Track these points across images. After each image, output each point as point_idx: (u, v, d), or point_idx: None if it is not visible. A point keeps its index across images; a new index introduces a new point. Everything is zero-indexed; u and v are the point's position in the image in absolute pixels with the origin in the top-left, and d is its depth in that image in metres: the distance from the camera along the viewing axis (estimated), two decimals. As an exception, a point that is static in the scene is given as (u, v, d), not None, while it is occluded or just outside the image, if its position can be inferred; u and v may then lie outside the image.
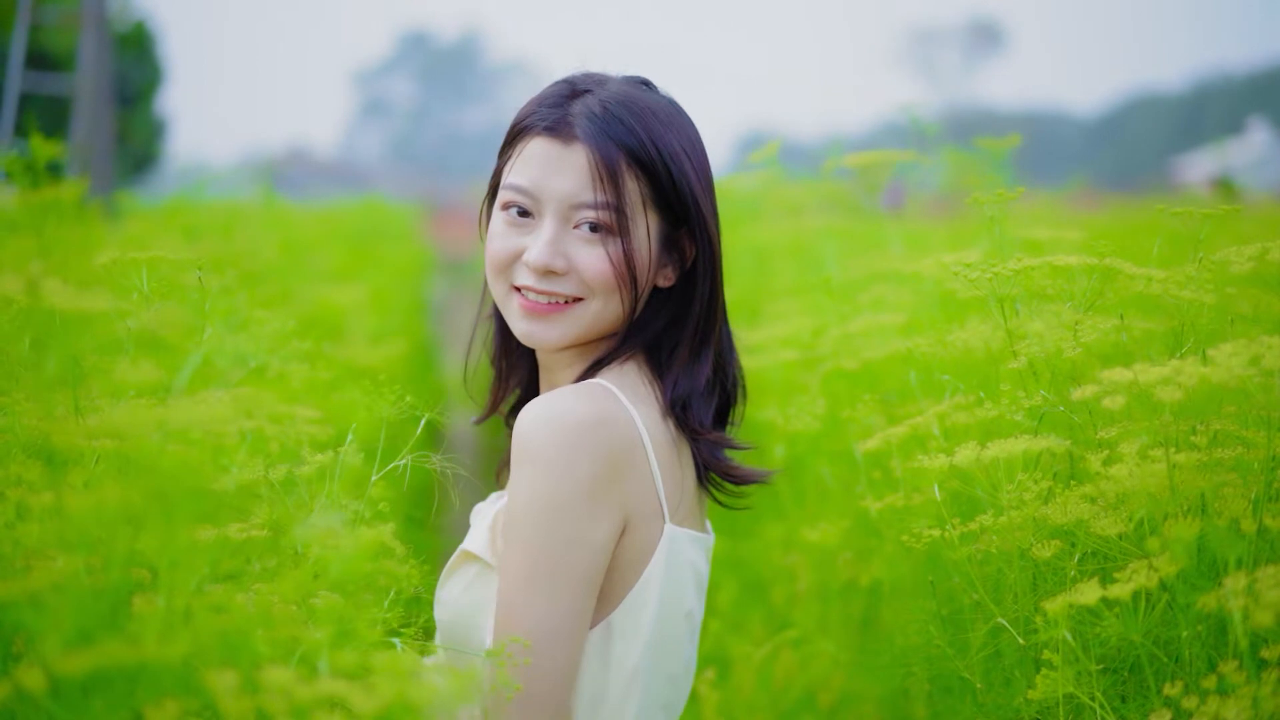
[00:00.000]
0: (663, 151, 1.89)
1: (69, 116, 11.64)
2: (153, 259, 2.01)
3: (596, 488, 1.78)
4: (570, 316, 1.90)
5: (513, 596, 1.76)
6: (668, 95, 1.99)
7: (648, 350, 1.96)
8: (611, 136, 1.87)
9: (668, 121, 1.92)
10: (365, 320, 4.64)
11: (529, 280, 1.90)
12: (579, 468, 1.76)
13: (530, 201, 1.90)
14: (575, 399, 1.81)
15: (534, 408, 1.79)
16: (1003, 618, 1.88)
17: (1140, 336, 2.10)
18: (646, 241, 1.89)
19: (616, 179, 1.86)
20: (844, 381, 2.67)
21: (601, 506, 1.79)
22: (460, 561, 1.92)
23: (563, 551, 1.76)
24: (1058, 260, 2.03)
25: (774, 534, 3.08)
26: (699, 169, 1.93)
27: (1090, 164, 47.25)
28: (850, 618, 2.77)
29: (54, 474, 1.48)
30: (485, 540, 1.88)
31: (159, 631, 1.27)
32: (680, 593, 1.90)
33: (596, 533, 1.79)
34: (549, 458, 1.76)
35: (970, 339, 2.17)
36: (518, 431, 1.78)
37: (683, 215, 1.91)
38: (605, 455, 1.79)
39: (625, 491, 1.82)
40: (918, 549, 2.00)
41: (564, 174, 1.88)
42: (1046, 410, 1.94)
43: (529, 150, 1.91)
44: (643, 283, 1.90)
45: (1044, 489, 1.84)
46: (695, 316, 1.95)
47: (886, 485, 2.31)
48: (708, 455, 1.95)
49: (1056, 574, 1.87)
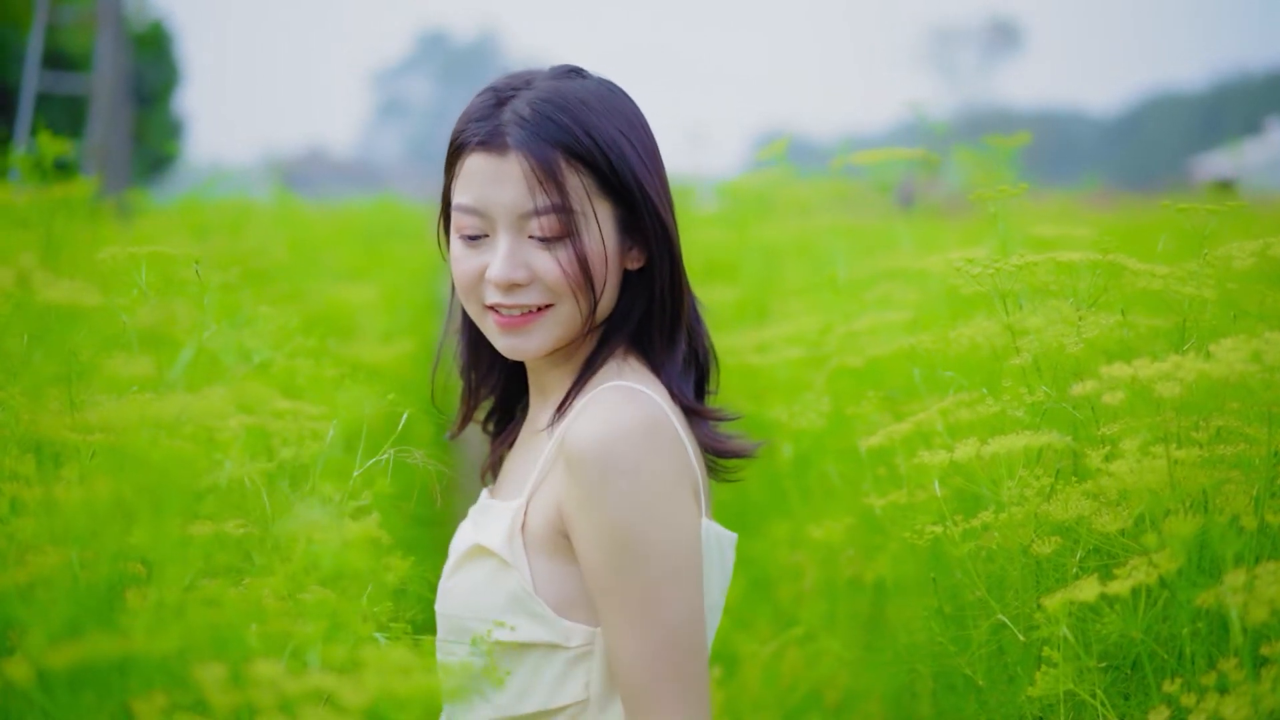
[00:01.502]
0: (598, 140, 1.86)
1: (86, 116, 11.69)
2: (153, 254, 2.01)
3: (680, 479, 1.81)
4: (545, 324, 1.89)
5: (656, 598, 1.78)
6: (600, 79, 1.96)
7: (634, 339, 1.95)
8: (544, 137, 1.85)
9: (600, 108, 1.89)
10: (376, 319, 4.64)
11: (497, 297, 1.88)
12: (660, 465, 1.79)
13: (480, 220, 1.88)
14: (621, 408, 1.82)
15: (589, 431, 1.79)
16: (1004, 614, 1.87)
17: (1144, 333, 2.08)
18: (600, 236, 1.87)
19: (557, 178, 1.84)
20: (849, 379, 2.66)
21: (688, 493, 1.83)
22: (473, 555, 1.91)
23: (683, 542, 1.80)
24: (1061, 256, 2.02)
25: (780, 531, 3.07)
26: (641, 148, 1.91)
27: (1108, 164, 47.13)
28: (856, 615, 2.76)
29: (46, 468, 1.48)
30: (503, 537, 1.87)
31: (149, 625, 1.27)
32: (711, 588, 1.91)
33: (694, 517, 1.83)
34: (629, 468, 1.76)
35: (974, 335, 2.16)
36: (582, 456, 1.78)
37: (629, 199, 1.90)
38: (671, 449, 1.81)
39: (690, 481, 1.84)
40: (921, 546, 1.99)
41: (504, 186, 1.85)
42: (1048, 406, 1.93)
43: (468, 168, 1.89)
44: (600, 280, 1.88)
45: (1045, 485, 1.83)
46: (659, 298, 1.93)
47: (891, 482, 2.30)
48: (700, 433, 1.95)
49: (1058, 570, 1.86)
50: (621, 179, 1.88)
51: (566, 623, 1.84)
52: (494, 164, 1.86)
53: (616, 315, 1.95)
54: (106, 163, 10.75)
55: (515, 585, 1.84)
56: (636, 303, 1.95)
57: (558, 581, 1.85)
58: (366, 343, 4.00)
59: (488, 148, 1.86)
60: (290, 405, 2.01)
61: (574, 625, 1.84)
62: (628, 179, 1.88)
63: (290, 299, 3.85)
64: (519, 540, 1.87)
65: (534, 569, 1.85)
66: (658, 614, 1.78)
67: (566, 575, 1.85)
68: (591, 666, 1.85)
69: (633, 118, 1.93)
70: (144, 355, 1.93)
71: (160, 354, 1.97)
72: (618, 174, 1.87)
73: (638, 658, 1.79)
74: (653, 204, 1.90)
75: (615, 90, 1.95)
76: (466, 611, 1.89)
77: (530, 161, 1.84)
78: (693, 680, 1.80)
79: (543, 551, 1.85)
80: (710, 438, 1.97)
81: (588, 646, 1.85)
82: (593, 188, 1.87)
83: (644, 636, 1.79)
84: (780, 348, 3.08)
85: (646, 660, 1.79)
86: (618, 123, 1.90)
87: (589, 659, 1.85)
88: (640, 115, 1.96)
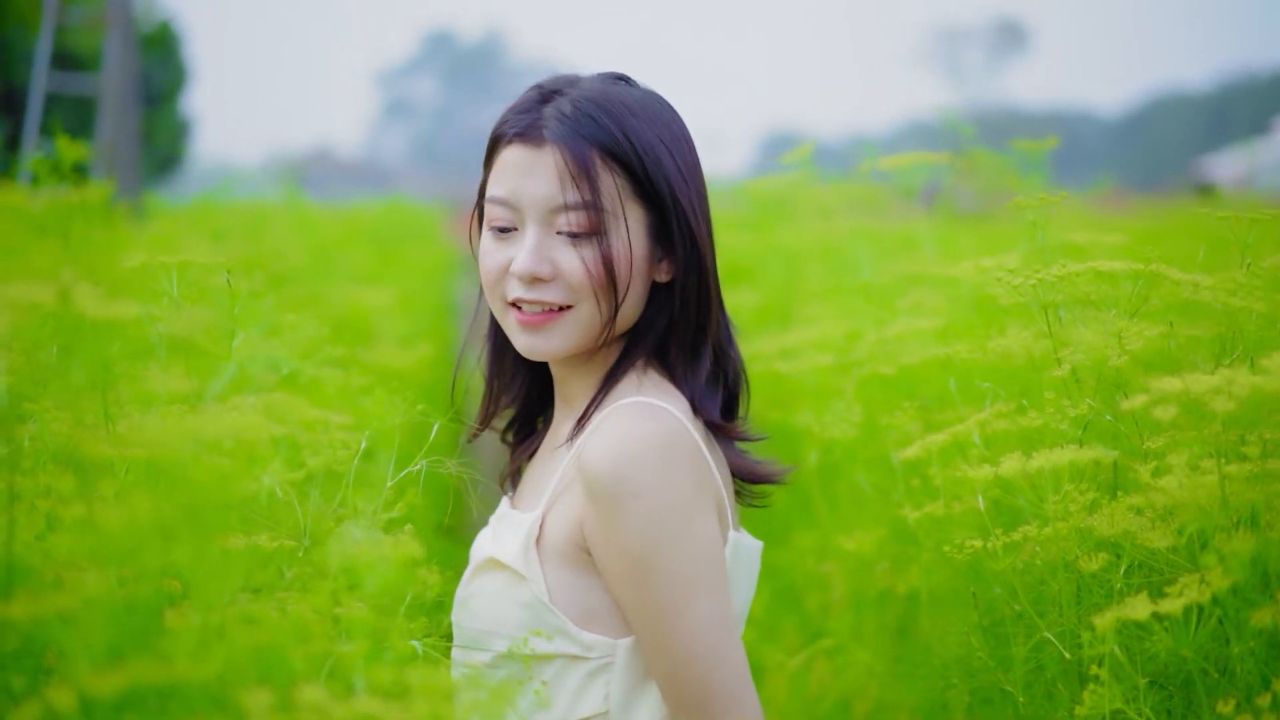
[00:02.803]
0: (636, 143, 1.85)
1: (94, 117, 11.68)
2: (183, 263, 1.98)
3: (699, 493, 1.80)
4: (564, 325, 1.87)
5: (680, 611, 1.77)
6: (648, 89, 1.95)
7: (657, 351, 1.93)
8: (582, 134, 1.84)
9: (642, 114, 1.88)
10: (394, 323, 4.61)
11: (520, 291, 1.87)
12: (677, 482, 1.77)
13: (511, 213, 1.87)
14: (636, 425, 1.80)
15: (604, 448, 1.77)
16: (1048, 631, 1.84)
17: (1184, 343, 2.06)
18: (627, 239, 1.85)
19: (590, 176, 1.83)
20: (879, 387, 2.63)
21: (709, 507, 1.81)
22: (487, 567, 1.89)
23: (703, 554, 1.78)
24: (1102, 266, 1.99)
25: (806, 541, 3.04)
26: (680, 159, 1.89)
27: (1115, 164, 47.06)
28: (885, 626, 2.74)
29: (84, 484, 1.46)
30: (518, 550, 1.86)
31: (192, 648, 1.24)
32: (735, 600, 1.90)
33: (715, 531, 1.81)
34: (643, 489, 1.75)
35: (1011, 345, 2.13)
36: (597, 475, 1.76)
37: (662, 206, 1.87)
38: (689, 463, 1.80)
39: (712, 494, 1.83)
40: (957, 559, 1.96)
41: (538, 178, 1.85)
42: (1092, 419, 1.90)
43: (504, 160, 1.89)
44: (623, 283, 1.86)
45: (1090, 500, 1.80)
46: (683, 310, 1.90)
47: (925, 493, 2.27)
48: (727, 453, 1.93)
49: (1102, 586, 1.84)
50: (655, 184, 1.86)
51: (587, 635, 1.83)
52: (529, 156, 1.86)
53: (641, 327, 1.93)
54: (115, 163, 10.73)
55: (530, 598, 1.83)
56: (661, 316, 1.92)
57: (577, 593, 1.84)
58: (386, 348, 3.98)
59: (525, 139, 1.86)
60: (318, 415, 1.98)
61: (595, 637, 1.83)
62: (661, 185, 1.86)
63: (309, 304, 3.82)
64: (534, 553, 1.85)
65: (550, 581, 1.84)
66: (685, 630, 1.77)
67: (587, 587, 1.83)
68: (612, 678, 1.84)
69: (676, 130, 1.92)
70: (174, 366, 1.91)
71: (189, 364, 1.95)
72: (651, 179, 1.86)
73: (673, 674, 1.79)
74: (684, 214, 1.88)
75: (661, 102, 1.95)
76: (483, 624, 1.88)
77: (565, 155, 1.83)
78: (734, 691, 1.79)
79: (561, 564, 1.84)
80: (738, 461, 1.95)
81: (608, 658, 1.84)
82: (626, 190, 1.85)
83: (674, 653, 1.79)
84: (807, 354, 3.05)
85: (682, 675, 1.78)
86: (658, 130, 1.88)
87: (609, 670, 1.84)
88: (684, 130, 1.94)
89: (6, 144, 14.20)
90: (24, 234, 3.82)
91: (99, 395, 1.51)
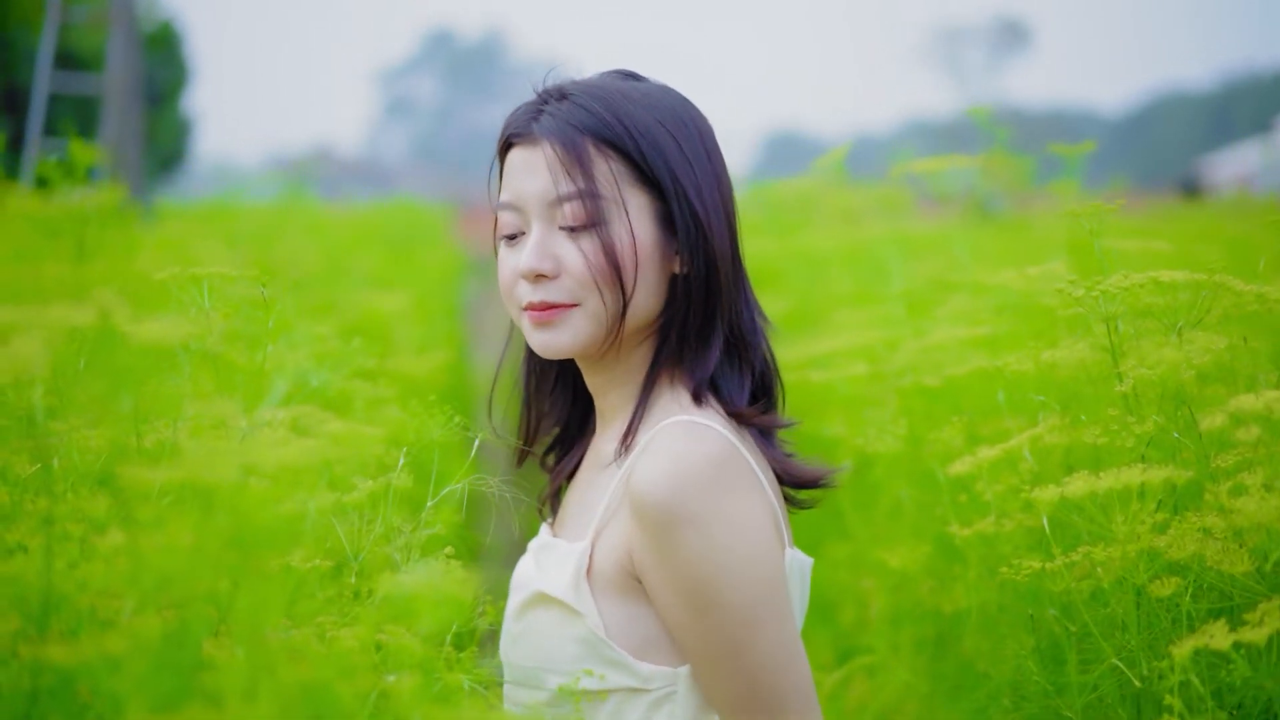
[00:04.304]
0: (629, 125, 1.78)
1: (97, 116, 11.61)
2: (213, 274, 1.91)
3: (755, 514, 1.72)
4: (573, 319, 1.79)
5: (743, 643, 1.70)
6: (658, 83, 1.88)
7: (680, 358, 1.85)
8: (573, 123, 1.78)
9: (642, 101, 1.81)
10: (410, 329, 4.55)
11: (528, 293, 1.80)
12: (732, 507, 1.70)
13: (517, 216, 1.82)
14: (687, 445, 1.72)
15: (653, 473, 1.69)
16: (1116, 656, 1.77)
17: (1243, 355, 1.99)
18: (629, 227, 1.77)
19: (583, 163, 1.76)
20: (921, 398, 2.56)
21: (767, 527, 1.74)
22: (536, 602, 1.81)
23: (764, 579, 1.71)
24: (1163, 276, 1.92)
25: (839, 554, 2.97)
26: (686, 145, 1.81)
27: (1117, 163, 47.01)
28: (923, 643, 2.67)
29: (118, 509, 1.39)
30: (568, 583, 1.78)
31: (241, 686, 1.18)
32: (800, 616, 1.85)
33: (775, 552, 1.74)
34: (697, 517, 1.68)
35: (1065, 357, 2.06)
36: (647, 502, 1.68)
37: (665, 191, 1.80)
38: (743, 484, 1.73)
39: (768, 512, 1.76)
40: (1016, 579, 1.89)
41: (534, 175, 1.80)
42: (1160, 437, 1.83)
43: (509, 164, 1.85)
44: (628, 272, 1.78)
45: (1159, 521, 1.74)
46: (691, 301, 1.82)
47: (973, 509, 2.20)
48: (772, 458, 1.86)
49: (1168, 610, 1.77)
50: (654, 168, 1.78)
51: (646, 666, 1.75)
52: (527, 154, 1.81)
53: (666, 326, 1.84)
54: (120, 164, 10.66)
55: (586, 632, 1.76)
56: (684, 312, 1.84)
57: (633, 624, 1.76)
58: (404, 355, 3.92)
59: (522, 140, 1.82)
60: (347, 428, 1.92)
61: (654, 668, 1.75)
62: (660, 168, 1.79)
63: (326, 310, 3.76)
64: (585, 585, 1.77)
65: (604, 613, 1.76)
66: (747, 659, 1.70)
67: (642, 617, 1.76)
68: (674, 709, 1.76)
69: (683, 115, 1.84)
70: (203, 380, 1.84)
71: (220, 378, 1.88)
72: (649, 162, 1.78)
73: (737, 704, 1.72)
74: (688, 198, 1.79)
75: (669, 92, 1.87)
76: (537, 661, 1.80)
77: (556, 147, 1.78)
78: (802, 713, 1.71)
79: (614, 594, 1.76)
80: (782, 466, 1.88)
81: (670, 688, 1.76)
82: (624, 175, 1.78)
83: (736, 683, 1.72)
84: (840, 362, 2.98)
85: (744, 705, 1.71)
86: (658, 114, 1.81)
87: (671, 700, 1.76)
88: (695, 118, 1.86)
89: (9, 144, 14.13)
90: (36, 238, 3.76)
91: (131, 415, 1.44)
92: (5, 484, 1.51)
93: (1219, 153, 35.90)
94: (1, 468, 1.54)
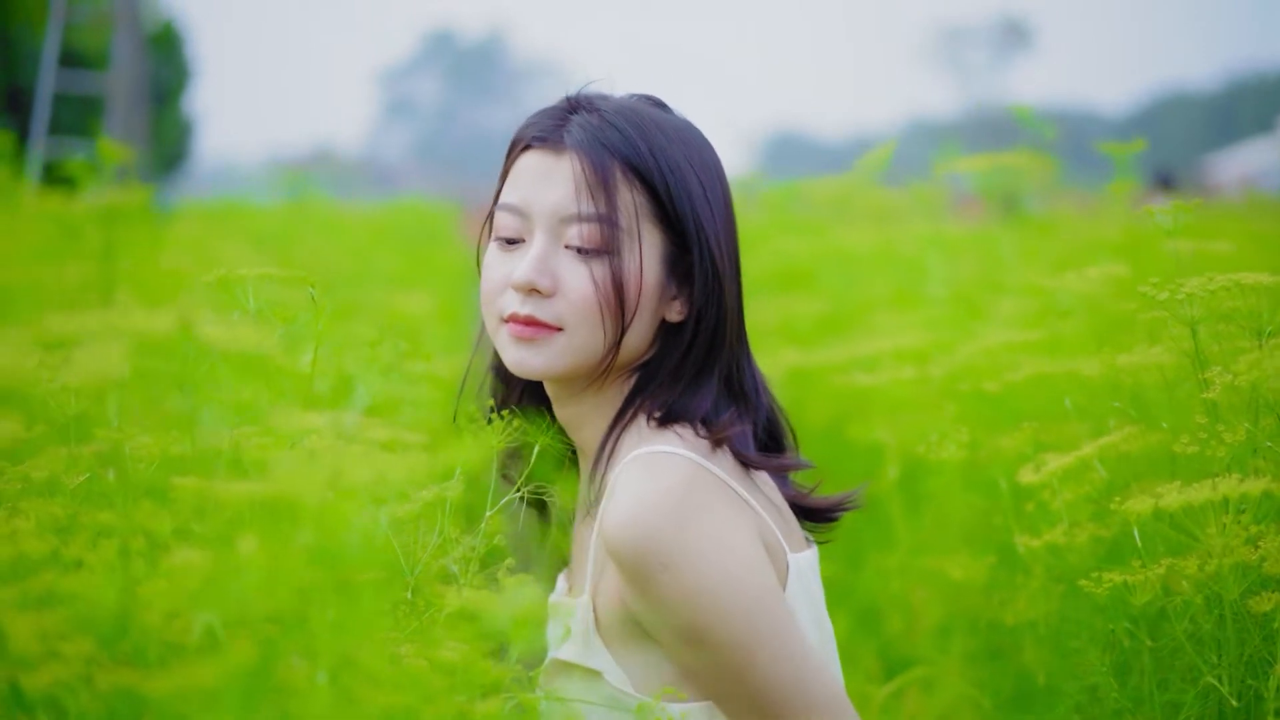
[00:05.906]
0: (661, 160, 1.71)
1: (100, 116, 11.57)
2: (260, 275, 1.85)
3: (731, 533, 1.64)
4: (556, 345, 1.71)
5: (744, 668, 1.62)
6: (684, 118, 1.81)
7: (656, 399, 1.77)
8: (605, 143, 1.70)
9: (674, 136, 1.75)
10: (436, 330, 4.49)
11: (515, 305, 1.71)
12: (702, 534, 1.61)
13: (520, 221, 1.73)
14: (642, 484, 1.64)
15: (618, 521, 1.61)
16: (1212, 675, 1.70)
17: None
18: (640, 263, 1.70)
19: (608, 187, 1.69)
20: (977, 403, 2.49)
21: (747, 543, 1.65)
22: (557, 671, 1.75)
23: (753, 602, 1.62)
24: (1245, 279, 1.85)
25: (888, 563, 2.90)
26: (709, 190, 1.74)
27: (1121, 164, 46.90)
28: (975, 655, 2.60)
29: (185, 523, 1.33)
30: (579, 644, 1.72)
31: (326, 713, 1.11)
32: (818, 615, 1.78)
33: (761, 569, 1.65)
34: (672, 551, 1.60)
35: (1140, 362, 2.00)
36: (619, 554, 1.61)
37: (683, 233, 1.73)
38: (712, 508, 1.64)
39: (750, 526, 1.68)
40: (1085, 590, 1.83)
41: (552, 185, 1.71)
42: (1254, 447, 1.76)
43: (521, 166, 1.76)
44: (631, 308, 1.70)
45: (1254, 533, 1.67)
46: (693, 347, 1.75)
47: (1041, 519, 2.13)
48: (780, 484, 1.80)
49: (1262, 627, 1.70)
50: (678, 208, 1.72)
51: (676, 707, 1.67)
52: (547, 162, 1.73)
53: (649, 370, 1.77)
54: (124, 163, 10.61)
55: (610, 691, 1.70)
56: (672, 359, 1.76)
57: (653, 668, 1.69)
58: (434, 357, 3.85)
59: (545, 144, 1.73)
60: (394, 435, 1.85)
61: (684, 706, 1.67)
62: (684, 208, 1.72)
63: (352, 312, 3.70)
64: (596, 640, 1.71)
65: (623, 663, 1.70)
66: (753, 682, 1.63)
67: (659, 659, 1.69)
68: None
69: (708, 159, 1.78)
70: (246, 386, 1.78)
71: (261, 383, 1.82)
72: (674, 202, 1.71)
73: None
74: (709, 245, 1.73)
75: (696, 131, 1.81)
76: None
77: (584, 163, 1.70)
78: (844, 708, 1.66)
79: (627, 640, 1.70)
80: (801, 502, 1.82)
81: (705, 717, 1.69)
82: (645, 209, 1.71)
83: (751, 705, 1.65)
84: (886, 366, 2.91)
85: None
86: (688, 154, 1.75)
87: None
88: (716, 162, 1.80)
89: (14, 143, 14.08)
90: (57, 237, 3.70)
91: (206, 425, 1.37)
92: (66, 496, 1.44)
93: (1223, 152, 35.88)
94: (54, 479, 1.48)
